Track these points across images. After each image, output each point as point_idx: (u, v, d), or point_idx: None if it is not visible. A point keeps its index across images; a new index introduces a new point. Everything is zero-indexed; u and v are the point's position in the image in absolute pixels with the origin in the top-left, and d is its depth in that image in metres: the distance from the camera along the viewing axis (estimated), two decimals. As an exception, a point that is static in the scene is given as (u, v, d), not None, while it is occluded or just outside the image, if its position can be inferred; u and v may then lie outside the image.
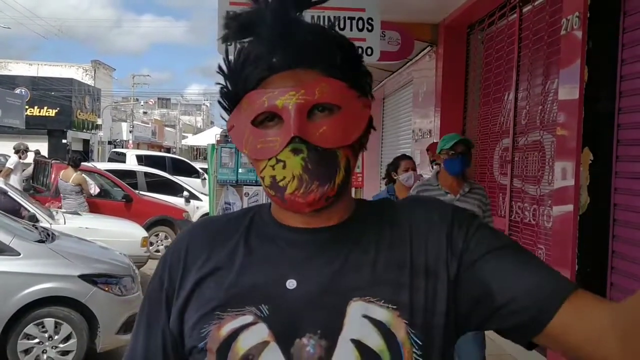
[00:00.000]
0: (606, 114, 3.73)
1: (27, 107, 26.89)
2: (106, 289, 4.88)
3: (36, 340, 4.72)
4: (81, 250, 5.44)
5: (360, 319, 0.85)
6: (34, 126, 26.70)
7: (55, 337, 4.74)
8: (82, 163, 9.82)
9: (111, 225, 7.96)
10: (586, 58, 3.78)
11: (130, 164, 16.06)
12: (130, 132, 40.04)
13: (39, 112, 28.51)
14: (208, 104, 72.98)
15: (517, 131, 5.64)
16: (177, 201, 11.78)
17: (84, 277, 4.81)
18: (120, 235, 7.53)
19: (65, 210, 8.27)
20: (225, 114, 0.97)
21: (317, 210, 0.89)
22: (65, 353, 4.77)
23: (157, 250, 10.18)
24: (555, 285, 0.84)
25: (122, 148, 29.33)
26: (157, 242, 10.31)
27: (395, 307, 0.86)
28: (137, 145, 37.39)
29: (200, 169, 17.03)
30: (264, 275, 0.90)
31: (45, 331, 4.73)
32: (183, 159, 20.84)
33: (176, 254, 0.97)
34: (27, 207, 7.12)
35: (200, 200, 12.28)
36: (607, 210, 3.70)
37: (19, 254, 4.78)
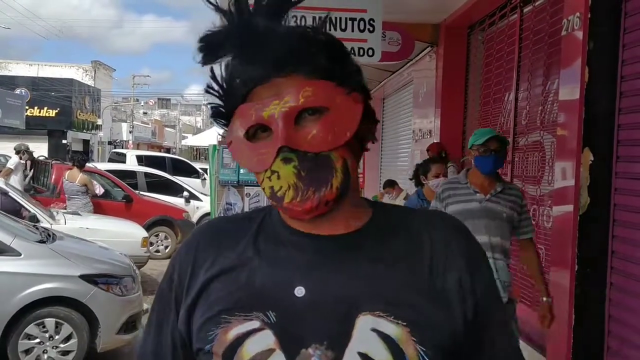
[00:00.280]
0: (606, 115, 3.73)
1: (27, 108, 26.91)
2: (107, 289, 4.89)
3: (37, 340, 4.73)
4: (82, 250, 5.45)
5: (368, 332, 0.85)
6: (34, 126, 26.71)
7: (56, 337, 4.75)
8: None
9: (111, 225, 7.98)
10: (587, 58, 3.78)
11: (131, 165, 16.06)
12: (130, 133, 40.05)
13: (39, 113, 28.52)
14: (208, 105, 72.88)
15: (518, 131, 5.64)
16: (177, 201, 11.79)
17: (85, 277, 4.82)
18: (120, 236, 7.54)
19: (65, 211, 8.28)
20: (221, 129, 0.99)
21: (320, 216, 0.88)
22: (65, 353, 4.78)
23: (157, 251, 10.19)
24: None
25: (122, 148, 29.35)
26: (157, 243, 10.32)
27: (406, 324, 0.86)
28: (137, 146, 37.40)
29: (200, 169, 17.03)
30: (272, 280, 0.89)
31: (46, 331, 4.74)
32: (183, 159, 20.85)
33: (186, 254, 0.98)
34: (28, 208, 7.12)
35: (200, 200, 12.29)
36: (607, 211, 3.70)
37: (20, 254, 4.79)
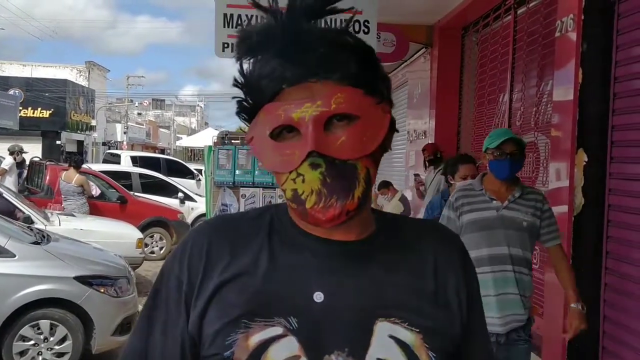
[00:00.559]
0: (600, 116, 3.75)
1: (21, 109, 26.76)
2: (102, 290, 4.88)
3: (32, 342, 4.71)
4: (76, 251, 5.44)
5: (386, 339, 0.87)
6: (28, 127, 26.57)
7: (51, 339, 4.73)
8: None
9: (106, 226, 7.96)
10: (580, 60, 3.80)
11: (125, 166, 16.01)
12: (124, 133, 39.92)
13: (33, 114, 28.39)
14: (202, 105, 72.90)
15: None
16: (172, 202, 11.76)
17: (80, 279, 4.81)
18: (115, 237, 7.52)
19: (60, 212, 8.25)
20: (237, 121, 0.98)
21: (339, 225, 0.88)
22: (60, 355, 4.77)
23: (152, 252, 10.16)
24: None
25: (117, 149, 29.24)
26: (152, 244, 10.29)
27: (419, 331, 0.89)
28: (132, 147, 37.26)
29: (195, 170, 17.00)
30: (290, 285, 0.89)
31: (41, 333, 4.72)
32: (178, 160, 20.80)
33: (196, 253, 0.94)
34: (22, 209, 7.10)
35: (195, 201, 12.27)
36: (602, 212, 3.72)
37: (14, 256, 4.77)
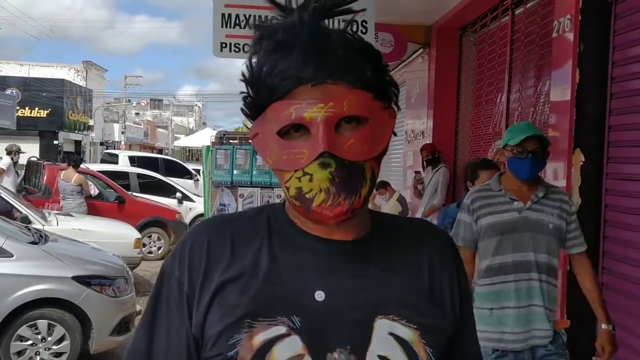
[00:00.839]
0: (597, 116, 3.77)
1: (18, 108, 26.72)
2: (99, 290, 4.88)
3: (29, 342, 4.71)
4: (74, 251, 5.43)
5: (386, 336, 0.89)
6: (25, 127, 26.54)
7: (49, 339, 4.73)
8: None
9: (104, 226, 7.95)
10: (577, 60, 3.81)
11: (123, 165, 15.99)
12: (122, 133, 39.89)
13: (30, 113, 28.36)
14: (200, 105, 72.83)
15: (509, 132, 5.67)
16: (170, 202, 11.75)
17: (77, 279, 4.80)
18: (113, 237, 7.51)
19: (57, 212, 8.24)
20: (248, 120, 0.96)
21: (342, 222, 0.89)
22: (58, 355, 4.76)
23: (150, 252, 10.16)
24: None
25: (114, 149, 29.21)
26: (150, 244, 10.28)
27: (417, 328, 0.91)
28: (129, 147, 37.24)
29: (193, 170, 16.99)
30: (291, 285, 0.90)
31: (39, 333, 4.72)
32: (176, 160, 20.78)
33: (196, 254, 0.94)
34: (20, 209, 7.09)
35: (193, 201, 12.26)
36: (598, 211, 3.74)
37: (12, 256, 4.76)
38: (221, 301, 0.90)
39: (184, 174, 16.64)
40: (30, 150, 17.32)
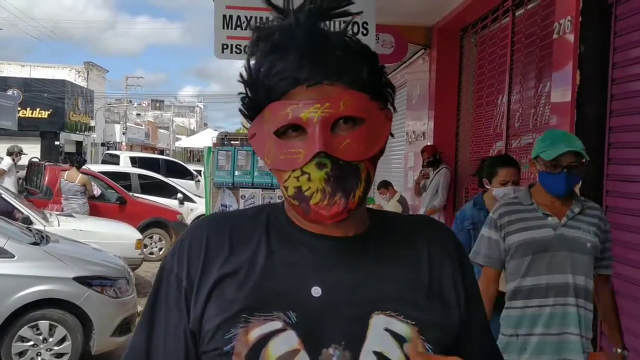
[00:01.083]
0: (598, 117, 3.77)
1: (20, 109, 26.75)
2: (101, 291, 4.89)
3: (31, 342, 4.72)
4: (75, 252, 5.44)
5: (382, 332, 0.89)
6: (27, 128, 26.58)
7: (50, 340, 4.74)
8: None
9: (105, 227, 7.96)
10: (578, 62, 3.82)
11: (124, 166, 16.01)
12: (123, 134, 39.91)
13: (32, 114, 28.39)
14: (202, 106, 72.86)
15: (510, 134, 5.68)
16: (171, 203, 11.76)
17: (79, 280, 4.81)
18: (114, 238, 7.52)
19: (59, 213, 8.26)
20: (236, 122, 0.99)
21: (338, 222, 0.90)
22: (59, 355, 4.77)
23: (151, 253, 10.17)
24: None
25: (116, 150, 29.23)
26: (151, 245, 10.30)
27: (414, 323, 0.90)
28: (131, 147, 37.26)
29: (194, 171, 17.00)
30: (288, 280, 0.91)
31: (40, 333, 4.73)
32: (177, 160, 20.80)
33: (195, 249, 0.95)
34: (21, 210, 7.10)
35: (194, 202, 12.27)
36: (599, 212, 3.73)
37: (14, 256, 4.77)
38: (219, 296, 0.91)
39: (185, 174, 16.66)
40: (31, 151, 17.35)
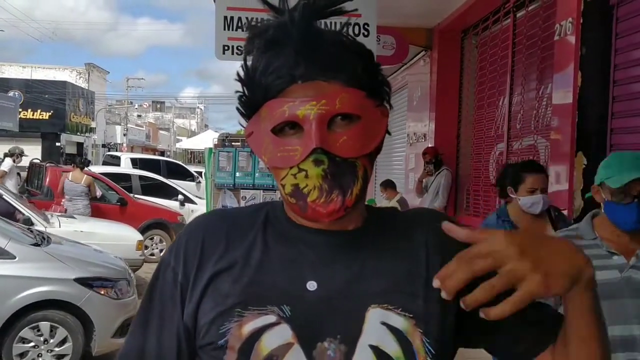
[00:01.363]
0: (599, 119, 3.77)
1: (21, 110, 26.80)
2: (102, 292, 4.88)
3: (31, 343, 4.71)
4: (77, 253, 5.44)
5: (378, 325, 0.88)
6: (28, 129, 26.62)
7: (51, 341, 4.73)
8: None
9: (106, 228, 7.96)
10: (579, 63, 3.82)
11: (125, 167, 16.01)
12: (124, 135, 39.94)
13: (33, 115, 28.43)
14: (202, 107, 72.93)
15: (512, 135, 5.68)
16: (172, 204, 11.76)
17: (80, 281, 4.81)
18: (115, 239, 7.52)
19: (60, 214, 8.26)
20: (239, 122, 0.98)
21: (335, 220, 0.90)
22: (60, 357, 4.76)
23: (152, 254, 10.16)
24: (546, 327, 0.92)
25: (117, 151, 29.26)
26: (152, 246, 10.29)
27: (412, 316, 0.89)
28: (132, 149, 37.27)
29: (195, 172, 17.01)
30: (283, 275, 0.91)
31: (41, 335, 4.72)
32: (177, 162, 20.81)
33: (191, 245, 0.96)
34: (22, 211, 7.10)
35: (195, 203, 12.26)
36: (601, 214, 3.73)
37: (15, 258, 4.77)
38: (214, 290, 0.92)
39: (186, 176, 16.67)
40: (32, 152, 17.36)
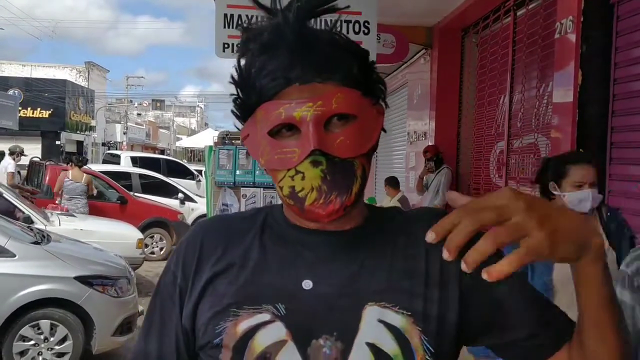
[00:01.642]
0: (600, 117, 3.77)
1: (21, 109, 26.75)
2: (102, 290, 4.88)
3: (32, 342, 4.71)
4: (77, 251, 5.44)
5: (375, 323, 0.88)
6: (28, 127, 26.57)
7: (51, 339, 4.74)
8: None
9: (106, 227, 7.96)
10: (580, 61, 3.82)
11: (125, 166, 16.01)
12: (124, 134, 39.92)
13: (33, 114, 28.39)
14: (202, 106, 72.90)
15: (512, 134, 5.68)
16: (172, 203, 11.77)
17: (80, 279, 4.81)
18: (115, 237, 7.52)
19: (60, 212, 8.25)
20: (238, 122, 0.97)
21: (335, 220, 0.90)
22: (60, 355, 4.77)
23: (152, 252, 10.17)
24: (561, 325, 0.91)
25: (117, 150, 29.24)
26: (152, 244, 10.30)
27: (410, 314, 0.89)
28: (132, 147, 37.25)
29: (195, 170, 17.01)
30: (279, 275, 0.91)
31: (41, 333, 4.73)
32: (178, 160, 20.80)
33: (190, 249, 0.98)
34: (22, 209, 7.10)
35: (195, 202, 12.27)
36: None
37: (15, 256, 4.77)
38: (212, 292, 0.93)
39: (186, 174, 16.66)
40: (32, 150, 17.36)
